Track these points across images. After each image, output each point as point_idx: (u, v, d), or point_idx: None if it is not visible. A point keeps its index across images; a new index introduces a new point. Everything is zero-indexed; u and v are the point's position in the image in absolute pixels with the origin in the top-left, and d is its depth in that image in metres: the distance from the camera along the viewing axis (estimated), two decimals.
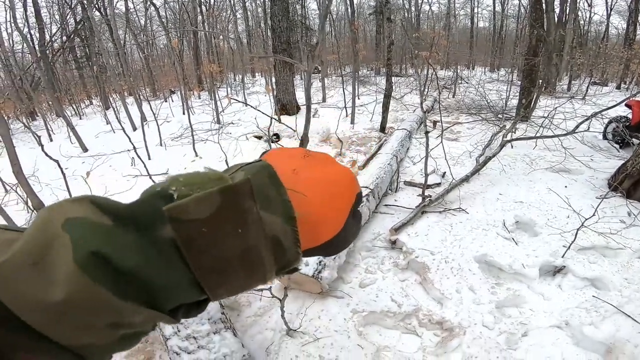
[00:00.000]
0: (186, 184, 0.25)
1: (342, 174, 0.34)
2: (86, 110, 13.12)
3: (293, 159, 0.34)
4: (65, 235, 0.21)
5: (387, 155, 3.93)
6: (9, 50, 11.80)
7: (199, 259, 0.24)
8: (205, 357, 1.78)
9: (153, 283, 0.23)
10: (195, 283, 0.24)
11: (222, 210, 0.23)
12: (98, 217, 0.23)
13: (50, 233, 0.22)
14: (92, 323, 0.22)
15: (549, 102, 6.80)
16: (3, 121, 3.82)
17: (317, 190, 0.31)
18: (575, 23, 12.92)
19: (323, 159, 0.35)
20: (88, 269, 0.21)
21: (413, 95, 9.96)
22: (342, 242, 0.33)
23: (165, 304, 0.24)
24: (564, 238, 2.71)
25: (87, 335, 0.22)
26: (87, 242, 0.21)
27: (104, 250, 0.22)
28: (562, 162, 4.15)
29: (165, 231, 0.23)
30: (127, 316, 0.22)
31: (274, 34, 7.24)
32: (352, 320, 2.16)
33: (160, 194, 0.25)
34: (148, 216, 0.24)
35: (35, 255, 0.21)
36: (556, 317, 2.13)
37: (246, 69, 17.43)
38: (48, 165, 4.16)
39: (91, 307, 0.21)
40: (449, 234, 2.88)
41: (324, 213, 0.30)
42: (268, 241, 0.26)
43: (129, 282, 0.22)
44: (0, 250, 0.21)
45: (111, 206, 0.24)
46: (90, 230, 0.22)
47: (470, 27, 21.99)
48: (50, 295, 0.20)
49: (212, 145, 5.65)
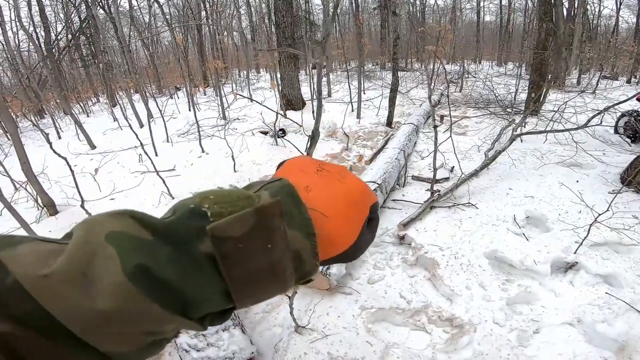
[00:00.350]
0: (217, 202, 0.27)
1: (355, 188, 0.35)
2: (93, 108, 13.22)
3: (306, 175, 0.34)
4: (110, 248, 0.23)
5: (395, 149, 3.89)
6: (15, 49, 11.89)
7: (232, 272, 0.26)
8: (214, 355, 1.79)
9: (188, 293, 0.25)
10: (226, 294, 0.27)
11: (255, 229, 0.26)
12: (138, 231, 0.25)
13: (95, 245, 0.23)
14: (132, 330, 0.23)
15: (558, 96, 6.69)
16: (11, 120, 3.87)
17: (332, 207, 0.32)
18: (584, 17, 12.69)
19: (336, 173, 0.36)
20: (135, 280, 0.23)
21: (419, 89, 9.87)
22: (355, 252, 0.34)
23: (196, 312, 0.26)
24: (577, 234, 2.66)
25: (125, 342, 0.24)
26: (133, 255, 0.23)
27: (148, 262, 0.24)
28: (573, 156, 4.07)
29: (203, 247, 0.25)
30: (164, 324, 0.24)
31: (278, 29, 7.20)
32: (360, 316, 2.14)
33: (194, 212, 0.27)
34: (185, 232, 0.26)
35: (83, 266, 0.22)
36: (568, 314, 2.10)
37: (251, 65, 17.39)
38: (57, 162, 4.19)
39: (135, 316, 0.23)
40: (458, 229, 2.84)
41: (338, 228, 0.32)
42: (291, 255, 0.28)
43: (169, 292, 0.24)
44: (45, 261, 0.22)
45: (150, 221, 0.26)
46: (133, 244, 0.24)
47: (476, 21, 21.68)
48: (99, 304, 0.22)
49: (218, 141, 5.65)
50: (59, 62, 13.07)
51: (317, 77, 1.69)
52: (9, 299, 0.21)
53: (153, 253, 0.24)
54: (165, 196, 4.04)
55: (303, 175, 0.34)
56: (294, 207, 0.29)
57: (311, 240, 0.29)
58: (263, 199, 0.27)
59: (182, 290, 0.24)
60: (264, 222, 0.26)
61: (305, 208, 0.30)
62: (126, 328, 0.23)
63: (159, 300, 0.23)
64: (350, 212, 0.33)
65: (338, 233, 0.32)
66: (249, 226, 0.25)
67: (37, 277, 0.21)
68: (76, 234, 0.24)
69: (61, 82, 12.13)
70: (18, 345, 0.21)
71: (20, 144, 3.70)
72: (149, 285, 0.23)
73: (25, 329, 0.21)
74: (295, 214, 0.29)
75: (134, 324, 0.23)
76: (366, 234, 0.35)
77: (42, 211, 3.99)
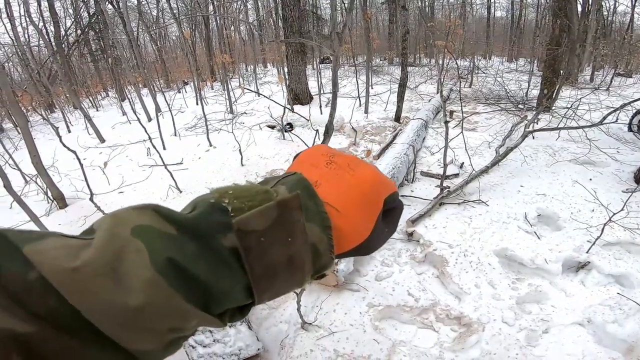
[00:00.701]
0: (237, 197, 0.27)
1: (365, 180, 0.33)
2: (102, 102, 13.35)
3: (316, 169, 0.34)
4: (137, 241, 0.23)
5: (403, 145, 3.85)
6: (25, 44, 12.01)
7: (254, 266, 0.26)
8: (220, 351, 1.79)
9: (212, 288, 0.24)
10: (247, 288, 0.26)
11: (277, 222, 0.26)
12: (163, 225, 0.24)
13: (122, 239, 0.23)
14: (159, 327, 0.23)
15: (571, 93, 6.56)
16: (21, 114, 3.91)
17: (341, 201, 0.31)
18: (599, 13, 12.41)
19: (345, 165, 0.34)
20: (165, 274, 0.22)
21: (428, 85, 9.75)
22: (370, 245, 0.33)
23: (218, 308, 0.26)
24: (589, 233, 2.61)
25: (151, 340, 0.23)
26: (161, 249, 0.23)
27: (176, 257, 0.23)
28: (586, 154, 3.99)
29: (226, 240, 0.25)
30: (189, 320, 0.24)
31: (286, 23, 7.15)
32: (367, 314, 2.13)
33: (215, 207, 0.26)
34: (208, 227, 0.25)
35: (111, 260, 0.22)
36: (578, 314, 2.07)
37: (258, 60, 17.36)
38: (66, 156, 4.23)
39: (164, 311, 0.22)
40: (468, 226, 2.81)
41: (350, 222, 0.31)
42: (309, 248, 0.28)
43: (196, 287, 0.24)
44: (73, 254, 0.21)
45: (173, 216, 0.25)
46: (159, 238, 0.23)
47: (486, 17, 21.32)
48: (129, 299, 0.21)
49: (225, 135, 5.66)
50: (69, 57, 13.19)
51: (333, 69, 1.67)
52: (31, 295, 0.20)
53: (180, 247, 0.24)
54: (173, 189, 4.06)
55: (313, 169, 0.34)
56: (309, 201, 0.29)
57: (327, 233, 0.29)
58: (281, 194, 0.28)
59: (208, 285, 0.24)
60: (285, 215, 0.26)
61: (320, 201, 0.30)
62: (154, 324, 0.22)
63: (187, 295, 0.23)
64: (361, 205, 0.32)
65: (349, 227, 0.31)
66: (272, 219, 0.26)
67: (65, 271, 0.21)
68: (102, 228, 0.23)
69: (71, 76, 12.25)
70: (39, 345, 0.20)
71: (30, 137, 3.73)
72: (178, 279, 0.23)
73: (48, 327, 0.20)
74: (311, 208, 0.29)
75: (162, 320, 0.23)
76: (382, 226, 0.34)
77: (52, 204, 4.04)
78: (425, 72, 11.72)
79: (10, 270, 0.20)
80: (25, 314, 0.19)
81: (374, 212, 0.33)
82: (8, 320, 0.19)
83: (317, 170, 0.33)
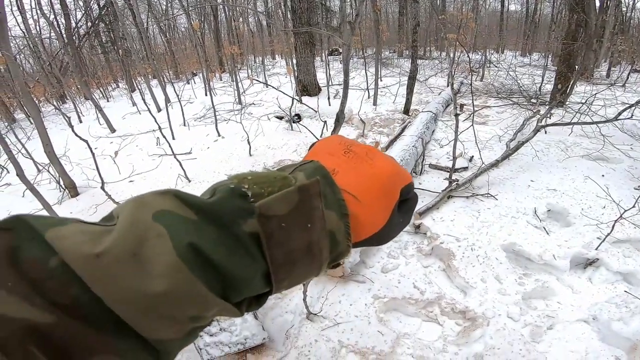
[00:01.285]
0: (256, 182, 0.27)
1: (383, 170, 0.33)
2: (113, 93, 13.48)
3: (333, 157, 0.33)
4: (159, 226, 0.22)
5: (412, 137, 3.82)
6: (37, 36, 12.14)
7: (274, 252, 0.25)
8: (226, 340, 1.82)
9: (233, 275, 0.24)
10: (265, 276, 0.26)
11: (298, 207, 0.26)
12: (184, 210, 0.24)
13: (143, 224, 0.22)
14: (180, 315, 0.22)
15: (586, 88, 6.41)
16: (34, 104, 3.97)
17: (359, 190, 0.31)
18: (617, 9, 12.05)
19: (364, 154, 0.34)
20: (187, 260, 0.22)
21: (437, 77, 9.62)
22: (385, 235, 0.33)
23: (236, 296, 0.25)
24: (599, 229, 2.57)
25: (171, 329, 0.23)
26: (183, 234, 0.22)
27: (197, 242, 0.22)
28: (599, 149, 3.91)
29: (247, 226, 0.25)
30: (209, 308, 0.23)
31: (294, 15, 7.09)
32: (373, 305, 2.14)
33: (235, 192, 0.26)
34: (228, 212, 0.25)
35: (134, 245, 0.21)
36: (584, 311, 2.06)
37: (266, 51, 17.29)
38: (78, 145, 4.30)
39: (186, 299, 0.22)
40: (476, 220, 2.79)
41: (366, 211, 0.31)
42: (327, 235, 0.28)
43: (216, 273, 0.23)
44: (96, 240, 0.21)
45: (194, 201, 0.25)
46: (181, 223, 0.23)
47: (500, 10, 20.87)
48: (151, 286, 0.21)
49: (234, 125, 5.69)
50: (80, 49, 13.29)
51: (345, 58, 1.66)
52: (52, 283, 0.19)
53: (201, 233, 0.23)
54: (182, 178, 4.10)
55: (330, 158, 0.33)
56: (328, 188, 0.29)
57: (345, 221, 0.29)
58: (300, 180, 0.28)
59: (228, 272, 0.24)
60: (306, 201, 0.26)
61: (338, 189, 0.30)
62: (175, 312, 0.22)
63: (208, 282, 0.23)
64: (378, 194, 0.32)
65: (366, 216, 0.31)
66: (293, 204, 0.26)
67: (88, 257, 0.20)
68: (124, 214, 0.23)
69: (82, 68, 12.35)
70: (58, 336, 0.19)
71: (43, 126, 3.80)
72: (199, 266, 0.22)
73: (68, 317, 0.19)
74: (329, 195, 0.29)
75: (183, 308, 0.22)
76: (397, 217, 0.34)
77: (64, 193, 4.11)
78: (436, 65, 11.54)
79: (31, 256, 0.20)
80: (45, 303, 0.19)
81: (390, 201, 0.33)
82: (26, 309, 0.18)
83: (334, 158, 0.33)
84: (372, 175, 0.32)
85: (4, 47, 3.25)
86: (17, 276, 0.19)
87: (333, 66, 10.85)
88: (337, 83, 8.94)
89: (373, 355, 1.87)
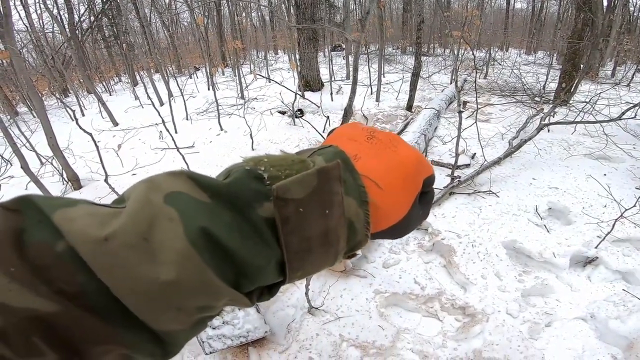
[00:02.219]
0: (273, 165, 0.25)
1: (409, 158, 0.31)
2: (116, 87, 13.48)
3: (356, 143, 0.32)
4: (170, 209, 0.21)
5: (415, 133, 3.83)
6: (40, 30, 12.14)
7: (290, 239, 0.24)
8: (229, 333, 1.84)
9: (246, 263, 0.22)
10: (279, 264, 0.25)
11: (317, 191, 0.24)
12: (197, 193, 0.22)
13: (154, 207, 0.21)
14: (189, 305, 0.21)
15: (590, 87, 6.38)
16: (38, 97, 3.98)
17: (382, 177, 0.30)
18: (625, 8, 11.96)
19: (387, 141, 0.32)
20: (198, 246, 0.20)
21: (441, 74, 9.59)
22: (404, 227, 0.32)
23: (248, 285, 0.24)
24: (600, 228, 2.57)
25: (179, 319, 0.21)
26: (195, 217, 0.21)
27: (210, 227, 0.21)
28: (602, 149, 3.90)
29: (262, 210, 0.23)
30: (220, 298, 0.22)
31: (298, 10, 7.07)
32: (374, 300, 2.16)
33: (251, 174, 0.25)
34: (244, 195, 0.24)
35: (144, 229, 0.20)
36: (582, 309, 2.07)
37: (269, 46, 17.24)
38: (81, 138, 4.32)
39: (195, 288, 0.21)
40: (477, 217, 2.80)
41: (388, 199, 0.29)
42: (345, 223, 0.26)
43: (228, 261, 0.22)
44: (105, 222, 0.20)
45: (208, 182, 0.23)
46: (194, 206, 0.21)
47: (505, 8, 20.71)
48: (160, 273, 0.19)
49: (236, 120, 5.70)
50: (83, 43, 13.27)
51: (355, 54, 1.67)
52: (58, 270, 0.18)
53: (214, 216, 0.22)
54: None
55: (352, 143, 0.32)
56: (347, 173, 0.27)
57: (364, 208, 0.27)
58: (318, 164, 0.26)
59: (241, 259, 0.22)
60: (325, 185, 0.25)
61: (358, 175, 0.28)
62: (184, 302, 0.21)
63: (219, 270, 0.21)
64: (402, 183, 0.30)
65: (387, 205, 0.29)
66: (311, 188, 0.24)
67: (95, 241, 0.19)
68: (135, 195, 0.21)
69: (85, 62, 12.35)
70: (63, 326, 0.18)
71: (47, 119, 3.81)
72: (211, 252, 0.21)
73: (74, 306, 0.18)
74: (349, 181, 0.27)
75: (192, 297, 0.21)
76: (417, 209, 0.32)
77: (67, 185, 4.14)
78: (439, 62, 11.49)
79: (37, 240, 0.19)
80: (51, 292, 0.18)
81: (413, 191, 0.31)
82: (31, 299, 0.18)
83: (356, 144, 0.32)
84: (397, 162, 0.31)
85: (9, 42, 3.26)
86: (21, 261, 0.18)
87: (336, 62, 10.82)
88: (339, 79, 8.91)
89: (373, 349, 1.89)
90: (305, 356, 1.86)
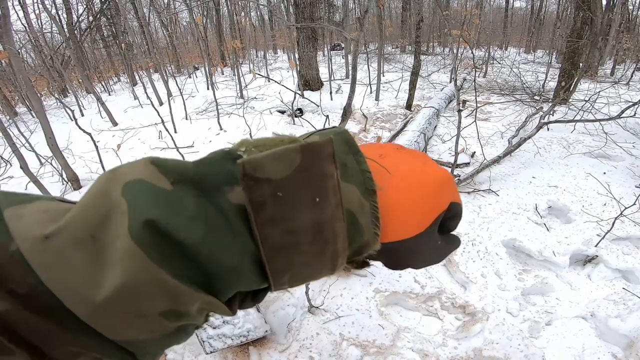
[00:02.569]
0: (257, 145, 0.21)
1: (439, 172, 0.27)
2: (115, 87, 13.46)
3: (383, 149, 0.28)
4: (123, 202, 0.18)
5: (414, 132, 3.83)
6: (38, 31, 12.12)
7: (267, 231, 0.19)
8: (229, 332, 1.84)
9: (212, 261, 0.19)
10: (258, 264, 0.20)
11: (301, 172, 0.19)
12: (155, 179, 0.19)
13: (111, 199, 0.18)
14: (145, 312, 0.18)
15: (590, 86, 6.39)
16: (37, 97, 3.97)
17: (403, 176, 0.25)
18: (624, 7, 11.98)
19: (419, 155, 0.29)
20: (142, 242, 0.17)
21: (440, 73, 9.59)
22: (413, 251, 0.26)
23: (224, 289, 0.20)
24: (600, 226, 2.58)
25: (140, 328, 0.19)
26: (143, 208, 0.18)
27: (160, 218, 0.18)
28: (602, 147, 3.91)
29: (233, 195, 0.20)
30: (184, 303, 0.19)
31: (297, 9, 7.06)
32: (374, 299, 2.16)
33: (229, 155, 0.21)
34: (214, 177, 0.20)
35: (92, 226, 0.18)
36: (582, 308, 2.08)
37: (268, 46, 17.24)
38: (80, 138, 4.31)
39: (147, 292, 0.18)
40: (477, 215, 2.80)
41: (404, 203, 0.24)
42: (342, 215, 0.21)
43: (187, 259, 0.19)
44: (53, 220, 0.18)
45: (173, 166, 0.20)
46: (145, 195, 0.18)
47: (504, 7, 20.74)
48: (107, 279, 0.17)
49: (236, 119, 5.71)
50: (81, 43, 13.26)
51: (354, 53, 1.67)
52: (10, 269, 0.17)
53: (169, 206, 0.18)
54: None
55: (380, 148, 0.28)
56: (349, 156, 0.23)
57: (370, 199, 0.23)
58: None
59: (206, 257, 0.19)
60: (313, 164, 0.20)
61: (363, 158, 0.23)
62: (142, 308, 0.18)
63: (174, 270, 0.18)
64: (423, 191, 0.25)
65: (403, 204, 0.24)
66: (293, 167, 0.19)
67: (35, 239, 0.17)
68: (91, 187, 0.19)
69: (83, 62, 12.34)
70: (16, 325, 0.17)
71: (46, 119, 3.80)
72: (160, 249, 0.18)
73: (24, 309, 0.17)
74: (350, 164, 0.23)
75: (147, 303, 0.18)
76: (435, 236, 0.27)
77: (67, 185, 4.13)
78: (439, 60, 11.50)
79: None
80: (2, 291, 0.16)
81: (436, 207, 0.26)
82: None
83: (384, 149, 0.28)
84: (424, 169, 0.26)
85: (7, 42, 3.26)
86: None
87: (335, 61, 10.81)
88: (339, 78, 8.90)
89: (374, 348, 1.89)
90: (306, 355, 1.87)
